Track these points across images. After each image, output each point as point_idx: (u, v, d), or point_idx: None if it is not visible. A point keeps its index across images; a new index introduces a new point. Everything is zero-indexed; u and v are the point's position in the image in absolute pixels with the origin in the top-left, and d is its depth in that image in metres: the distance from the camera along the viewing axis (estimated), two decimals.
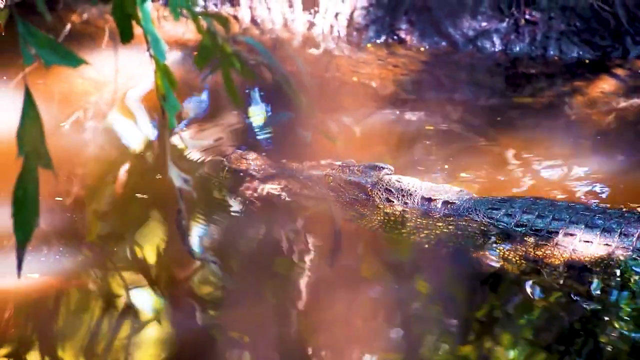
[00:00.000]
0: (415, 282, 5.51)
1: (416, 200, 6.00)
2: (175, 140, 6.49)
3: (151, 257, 5.58)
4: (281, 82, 3.15)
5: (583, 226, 5.60)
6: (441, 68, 9.16)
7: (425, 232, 5.91)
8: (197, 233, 5.86)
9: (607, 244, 5.52)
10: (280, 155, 6.42)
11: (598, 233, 5.56)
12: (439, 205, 5.94)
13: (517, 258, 5.62)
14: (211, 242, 5.80)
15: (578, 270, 5.53)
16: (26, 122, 2.57)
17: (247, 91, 7.96)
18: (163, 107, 3.22)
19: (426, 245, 5.79)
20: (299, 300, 5.29)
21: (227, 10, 9.72)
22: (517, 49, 9.53)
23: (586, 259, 5.55)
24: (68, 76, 7.96)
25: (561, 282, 5.47)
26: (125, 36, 3.06)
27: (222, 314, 5.12)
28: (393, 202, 6.02)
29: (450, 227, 5.87)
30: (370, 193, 6.07)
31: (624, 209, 5.80)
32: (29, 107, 2.58)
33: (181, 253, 5.57)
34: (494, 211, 5.78)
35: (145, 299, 5.19)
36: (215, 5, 9.73)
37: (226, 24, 3.07)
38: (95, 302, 5.12)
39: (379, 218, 6.02)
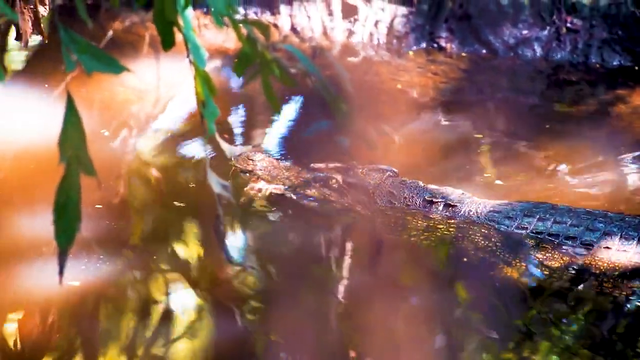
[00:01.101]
0: (454, 290, 5.49)
1: (418, 203, 6.01)
2: (214, 146, 6.52)
3: (190, 263, 5.60)
4: (321, 89, 3.15)
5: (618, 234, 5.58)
6: (481, 75, 9.12)
7: (426, 234, 5.92)
8: (235, 239, 5.87)
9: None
10: (317, 161, 6.43)
11: (634, 242, 5.54)
12: (440, 208, 5.95)
13: (556, 266, 5.58)
14: (249, 248, 5.81)
15: (616, 277, 5.48)
16: (68, 129, 2.59)
17: (286, 98, 7.98)
18: (202, 113, 3.24)
19: (468, 256, 5.76)
20: (338, 306, 5.28)
21: (267, 18, 9.75)
22: (558, 56, 9.47)
23: (622, 266, 5.51)
24: (109, 84, 8.02)
25: (600, 289, 5.43)
26: (166, 43, 3.08)
27: (261, 319, 5.12)
28: (394, 204, 6.02)
29: (450, 229, 5.87)
30: (372, 195, 6.08)
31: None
32: (71, 114, 2.60)
33: (219, 259, 5.59)
34: (527, 218, 5.75)
35: (184, 305, 5.21)
36: (256, 13, 9.77)
37: (266, 32, 3.08)
38: (135, 308, 5.14)
39: (380, 220, 6.03)
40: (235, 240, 5.86)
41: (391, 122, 7.68)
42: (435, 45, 9.61)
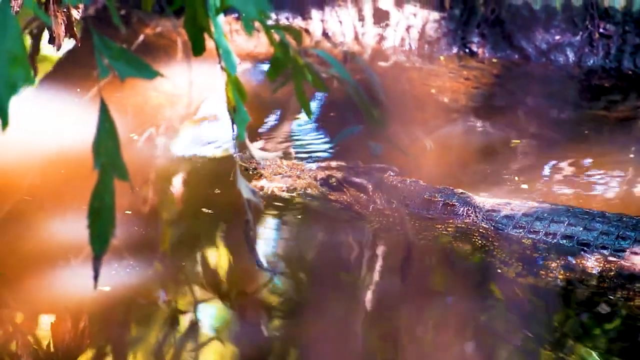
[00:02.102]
0: (485, 296, 5.46)
1: (417, 202, 5.99)
2: (244, 151, 6.53)
3: (219, 270, 5.61)
4: (353, 95, 3.15)
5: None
6: (513, 81, 9.08)
7: (424, 233, 5.93)
8: (264, 244, 5.87)
9: None
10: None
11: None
12: (439, 207, 5.93)
13: (589, 272, 5.55)
14: (279, 253, 5.81)
15: None
16: (102, 134, 2.60)
17: (317, 103, 7.98)
18: (233, 119, 3.25)
19: (497, 268, 5.72)
20: (367, 313, 5.27)
21: (298, 23, 9.76)
22: (591, 62, 9.42)
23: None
24: (143, 88, 8.06)
25: (629, 295, 5.40)
26: (197, 49, 3.09)
27: (289, 326, 5.12)
28: (393, 203, 6.02)
29: (449, 229, 5.85)
30: (371, 194, 6.07)
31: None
32: (105, 120, 2.61)
33: (248, 265, 5.59)
34: (536, 222, 5.73)
35: (212, 311, 5.22)
36: (287, 18, 9.78)
37: (298, 37, 3.08)
38: (164, 314, 5.16)
39: (378, 219, 6.00)
40: (264, 246, 5.86)
41: (423, 128, 7.66)
42: (467, 50, 9.58)
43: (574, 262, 5.58)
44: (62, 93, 7.91)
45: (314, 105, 8.03)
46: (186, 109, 7.82)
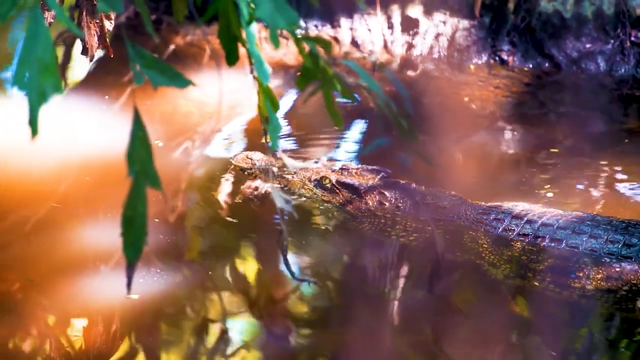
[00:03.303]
0: (512, 309, 5.44)
1: (408, 204, 6.03)
2: (276, 161, 6.54)
3: (247, 278, 5.62)
4: (381, 105, 3.15)
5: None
6: (543, 89, 9.05)
7: (415, 235, 5.96)
8: (296, 253, 5.88)
9: None
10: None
11: None
12: (430, 209, 6.00)
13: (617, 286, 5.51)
14: (309, 263, 5.81)
15: None
16: (135, 143, 2.62)
17: (347, 113, 7.98)
18: (265, 128, 3.26)
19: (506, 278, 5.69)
20: (396, 324, 5.26)
21: (327, 31, 9.77)
22: (622, 70, 9.36)
23: None
24: (172, 97, 8.09)
25: None
26: (231, 58, 3.11)
27: (317, 335, 5.12)
28: (385, 205, 6.03)
29: (438, 231, 5.90)
30: (363, 195, 6.10)
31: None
32: (138, 128, 2.63)
33: (276, 274, 5.60)
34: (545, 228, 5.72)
35: (240, 320, 5.23)
36: (316, 26, 9.79)
37: (328, 48, 3.09)
38: (192, 322, 5.17)
39: (370, 220, 6.04)
40: (294, 255, 5.87)
41: (452, 137, 7.64)
42: (497, 58, 9.56)
43: (608, 274, 5.55)
44: (91, 101, 7.96)
45: (343, 115, 8.04)
46: (215, 117, 7.84)
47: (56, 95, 2.58)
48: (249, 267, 5.72)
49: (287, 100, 8.40)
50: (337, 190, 6.18)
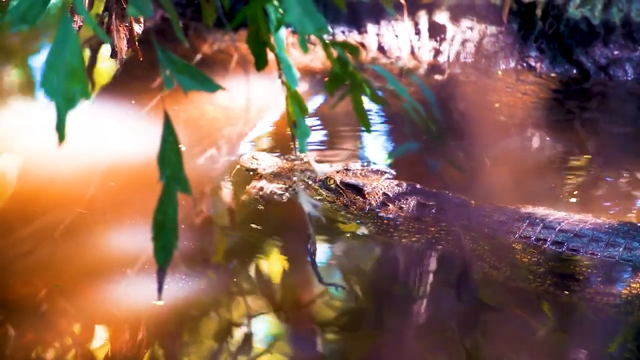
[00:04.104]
0: (540, 313, 5.42)
1: (411, 205, 6.00)
2: (304, 165, 6.54)
3: (272, 284, 5.62)
4: (409, 110, 3.14)
5: None
6: (571, 96, 9.01)
7: (417, 236, 5.97)
8: (323, 257, 5.88)
9: None
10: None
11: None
12: (433, 211, 6.01)
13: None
14: (338, 268, 5.81)
15: None
16: (165, 148, 2.63)
17: (375, 118, 7.97)
18: (293, 133, 3.26)
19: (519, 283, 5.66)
20: (424, 329, 5.24)
21: (354, 37, 9.77)
22: None
23: None
24: (198, 102, 8.11)
25: None
26: (259, 64, 3.12)
27: (343, 340, 5.11)
28: (389, 206, 6.02)
29: (441, 232, 5.91)
30: (367, 196, 6.09)
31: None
32: (168, 133, 2.64)
33: (301, 279, 5.60)
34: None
35: (266, 325, 5.23)
36: (343, 32, 9.79)
37: (356, 53, 3.09)
38: (217, 328, 5.18)
39: (373, 221, 6.05)
40: (321, 259, 5.87)
41: (479, 142, 7.62)
42: (525, 65, 9.52)
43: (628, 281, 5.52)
44: (118, 105, 7.99)
45: (372, 119, 8.03)
46: (242, 122, 7.86)
47: (84, 101, 2.58)
48: (274, 271, 5.73)
49: (314, 104, 8.40)
50: (341, 191, 6.21)
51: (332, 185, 6.24)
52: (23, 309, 5.23)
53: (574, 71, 9.46)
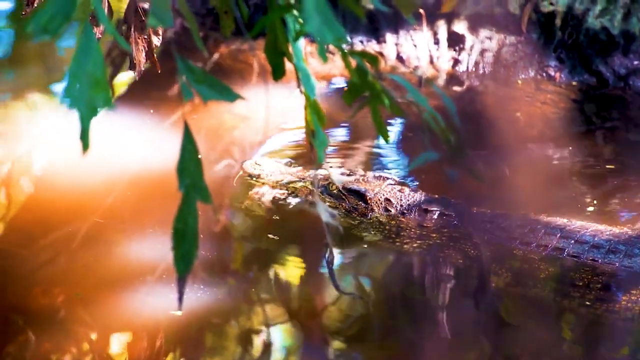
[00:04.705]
0: (559, 324, 5.40)
1: (413, 211, 6.00)
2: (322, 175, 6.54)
3: (290, 293, 5.62)
4: (429, 120, 3.14)
5: None
6: (591, 106, 8.98)
7: (418, 242, 5.98)
8: (341, 266, 5.88)
9: None
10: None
11: None
12: (435, 217, 5.98)
13: None
14: (356, 276, 5.80)
15: None
16: (185, 157, 2.63)
17: (393, 128, 7.97)
18: (312, 142, 3.26)
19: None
20: (441, 339, 5.23)
21: (373, 46, 9.78)
22: None
23: None
24: (217, 111, 8.13)
25: None
26: (277, 74, 3.12)
27: (360, 349, 5.11)
28: (391, 211, 6.01)
29: (443, 238, 5.92)
30: (369, 201, 6.08)
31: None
32: (188, 142, 2.65)
33: (318, 288, 5.60)
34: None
35: (284, 334, 5.23)
36: (362, 41, 9.80)
37: (375, 62, 3.09)
38: (236, 337, 5.18)
39: (375, 227, 6.06)
40: (341, 267, 5.87)
41: (499, 153, 7.60)
42: (544, 74, 9.50)
43: None
44: (135, 115, 8.02)
45: (391, 129, 8.02)
46: (260, 131, 7.87)
47: (107, 110, 2.60)
48: (292, 280, 5.73)
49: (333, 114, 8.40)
50: (344, 197, 6.23)
51: (335, 191, 6.26)
52: (43, 317, 5.25)
53: (594, 81, 9.43)
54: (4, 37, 9.50)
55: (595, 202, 6.76)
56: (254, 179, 6.53)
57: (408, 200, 6.15)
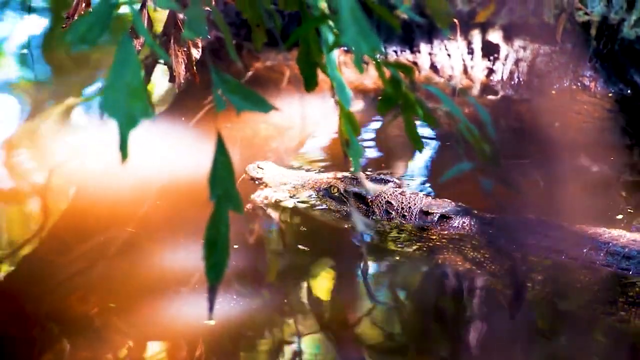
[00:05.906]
0: (590, 336, 5.36)
1: (414, 214, 6.00)
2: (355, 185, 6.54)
3: (322, 304, 5.62)
4: (463, 130, 3.13)
5: None
6: (625, 116, 8.92)
7: (418, 244, 5.98)
8: (377, 277, 5.87)
9: None
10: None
11: None
12: (435, 219, 6.00)
13: None
14: (390, 287, 5.80)
15: None
16: (217, 166, 2.65)
17: (427, 138, 7.96)
18: (346, 152, 3.27)
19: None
20: (475, 351, 5.21)
21: (406, 56, 9.77)
22: None
23: None
24: (252, 121, 8.16)
25: None
26: (309, 85, 3.13)
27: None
28: (391, 214, 6.03)
29: (443, 240, 5.93)
30: (370, 204, 6.08)
31: None
32: (221, 152, 2.66)
33: (351, 299, 5.60)
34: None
35: (317, 346, 5.23)
36: (395, 52, 9.80)
37: (410, 73, 3.09)
38: (268, 348, 5.19)
39: (376, 229, 6.09)
40: (371, 278, 5.87)
41: (532, 162, 7.57)
42: (579, 84, 9.45)
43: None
44: (170, 124, 8.06)
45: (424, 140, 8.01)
46: (296, 141, 7.89)
47: (146, 120, 2.62)
48: (325, 292, 5.73)
49: (367, 124, 8.41)
50: (345, 199, 6.24)
51: (336, 194, 6.27)
52: (78, 326, 5.28)
53: (629, 91, 9.37)
54: (37, 54, 9.59)
55: (630, 211, 6.72)
56: (256, 181, 6.57)
57: (409, 203, 6.15)
